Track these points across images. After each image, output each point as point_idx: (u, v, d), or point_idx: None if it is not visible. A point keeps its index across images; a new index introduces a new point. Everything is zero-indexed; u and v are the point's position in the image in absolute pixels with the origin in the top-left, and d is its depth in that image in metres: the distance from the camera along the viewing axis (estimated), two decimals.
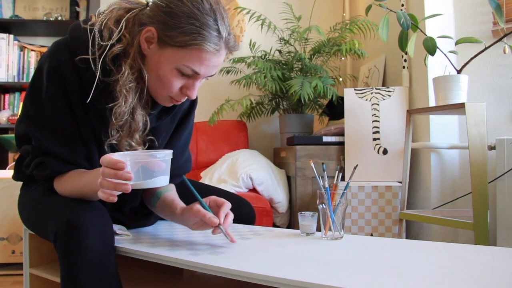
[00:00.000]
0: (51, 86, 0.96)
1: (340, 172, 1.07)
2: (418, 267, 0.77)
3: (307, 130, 2.50)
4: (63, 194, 1.01)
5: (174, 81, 0.93)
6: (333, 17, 2.94)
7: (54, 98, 0.97)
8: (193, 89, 0.96)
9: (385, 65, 2.40)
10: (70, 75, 0.95)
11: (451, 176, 1.94)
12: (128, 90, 0.93)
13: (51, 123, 0.98)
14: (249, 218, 1.28)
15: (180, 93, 0.96)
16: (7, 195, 2.02)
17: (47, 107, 0.97)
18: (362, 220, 1.92)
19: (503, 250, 0.91)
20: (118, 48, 0.94)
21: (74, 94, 0.97)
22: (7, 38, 2.72)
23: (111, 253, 0.91)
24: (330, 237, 1.01)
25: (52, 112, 0.98)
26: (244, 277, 0.75)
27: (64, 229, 0.88)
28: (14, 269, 2.03)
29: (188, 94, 0.96)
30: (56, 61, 0.96)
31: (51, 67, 0.96)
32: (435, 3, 2.00)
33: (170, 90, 0.95)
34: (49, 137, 0.98)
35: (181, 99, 0.98)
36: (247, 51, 2.76)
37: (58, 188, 1.03)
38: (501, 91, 1.87)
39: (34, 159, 1.02)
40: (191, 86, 0.95)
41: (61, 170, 1.01)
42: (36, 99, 0.99)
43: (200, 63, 0.92)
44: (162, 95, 0.97)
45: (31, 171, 1.04)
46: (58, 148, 0.99)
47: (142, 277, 1.15)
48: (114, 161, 0.81)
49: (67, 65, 0.95)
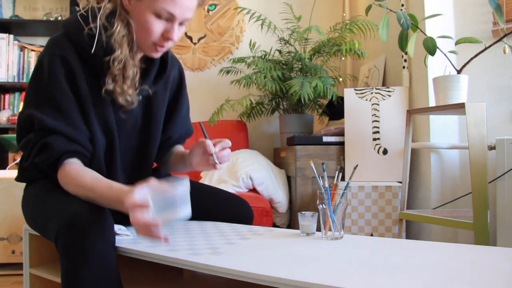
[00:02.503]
0: (54, 70, 1.02)
1: (340, 172, 1.07)
2: (418, 267, 0.77)
3: (307, 130, 2.50)
4: (67, 189, 1.01)
5: (154, 25, 1.02)
6: (333, 17, 2.94)
7: (57, 80, 1.02)
8: (172, 32, 1.04)
9: (385, 65, 2.40)
10: (73, 60, 1.03)
11: (451, 176, 1.94)
12: (121, 39, 1.04)
13: (55, 103, 1.02)
14: (247, 218, 1.30)
15: (162, 38, 1.05)
16: (7, 195, 2.02)
17: (51, 89, 1.02)
18: (362, 220, 1.92)
19: (503, 250, 0.91)
20: (109, 7, 1.05)
21: (80, 77, 1.04)
22: (7, 38, 2.72)
23: (112, 253, 0.91)
24: (330, 237, 1.01)
25: (55, 93, 1.02)
26: (244, 277, 0.75)
27: (65, 228, 0.88)
28: (14, 269, 2.03)
29: (169, 36, 1.04)
30: (59, 49, 1.03)
31: (54, 54, 1.03)
32: (435, 3, 2.00)
33: (152, 35, 1.03)
34: (53, 116, 1.01)
35: (164, 44, 1.06)
36: (247, 51, 2.76)
37: (62, 181, 1.02)
38: (501, 91, 1.87)
39: (36, 145, 1.02)
40: (170, 29, 1.04)
41: (66, 149, 1.01)
42: (39, 85, 1.04)
43: (174, 4, 1.00)
44: (147, 43, 1.05)
45: (32, 160, 1.03)
46: (63, 126, 1.01)
47: (142, 277, 1.15)
48: (148, 224, 0.84)
49: (69, 51, 1.03)
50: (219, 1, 2.94)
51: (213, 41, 2.94)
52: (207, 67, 2.93)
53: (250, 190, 2.15)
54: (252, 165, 2.17)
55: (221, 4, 2.95)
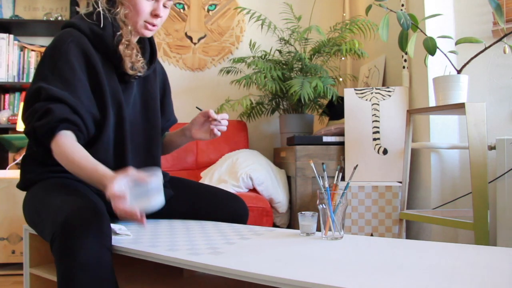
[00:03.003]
0: (68, 51, 1.11)
1: (340, 172, 1.07)
2: (418, 267, 0.77)
3: (307, 130, 2.50)
4: (59, 160, 1.06)
5: (142, 5, 1.18)
6: (333, 17, 2.95)
7: (69, 60, 1.10)
8: (159, 9, 1.19)
9: (385, 65, 2.40)
10: (87, 44, 1.15)
11: (451, 176, 1.94)
12: (125, 18, 1.19)
13: (64, 78, 1.09)
14: (242, 214, 1.33)
15: (151, 17, 1.20)
16: (7, 195, 2.02)
17: (62, 66, 1.10)
18: (362, 220, 1.92)
19: (503, 250, 0.91)
20: None
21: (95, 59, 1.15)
22: (7, 38, 2.72)
23: (107, 255, 0.91)
24: (330, 237, 1.01)
25: (65, 70, 1.10)
26: (244, 277, 0.75)
27: (59, 232, 0.89)
28: (14, 269, 2.03)
29: (157, 13, 1.19)
30: (71, 37, 1.14)
31: (67, 40, 1.12)
32: (435, 3, 2.00)
33: (142, 14, 1.18)
34: (60, 87, 1.08)
35: (154, 22, 1.21)
36: (247, 51, 2.76)
37: (55, 151, 1.06)
38: (501, 91, 1.87)
39: (39, 111, 1.05)
40: (157, 8, 1.19)
41: (66, 117, 1.06)
42: (51, 62, 1.11)
43: None
44: (139, 23, 1.20)
45: (32, 125, 1.06)
46: (68, 96, 1.07)
47: (142, 277, 1.15)
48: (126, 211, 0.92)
49: (82, 38, 1.15)
50: (219, 1, 2.95)
51: (213, 41, 2.94)
52: (207, 67, 2.93)
53: (250, 190, 2.15)
54: (252, 165, 2.17)
55: (221, 4, 2.95)
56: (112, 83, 1.19)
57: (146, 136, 1.30)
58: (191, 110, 3.04)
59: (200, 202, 1.34)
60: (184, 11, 2.93)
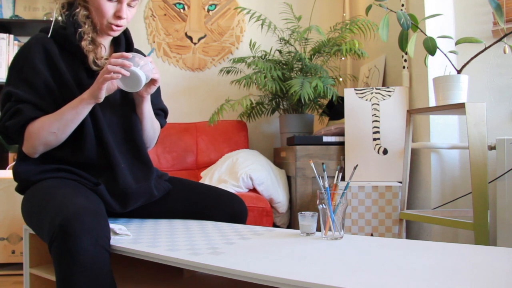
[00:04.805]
0: (31, 55, 1.18)
1: (340, 172, 1.07)
2: (418, 267, 0.77)
3: (307, 130, 2.50)
4: (43, 131, 1.13)
5: (105, 7, 1.20)
6: (333, 17, 2.95)
7: (33, 64, 1.17)
8: (122, 11, 1.21)
9: (385, 65, 2.40)
10: (51, 46, 1.21)
11: (451, 176, 1.94)
12: (84, 17, 1.23)
13: (28, 82, 1.16)
14: (241, 213, 1.33)
15: (114, 17, 1.22)
16: (7, 195, 2.02)
17: (27, 71, 1.17)
18: (362, 220, 1.92)
19: (503, 250, 0.91)
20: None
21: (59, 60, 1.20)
22: (7, 38, 2.72)
23: (104, 256, 0.91)
24: (330, 237, 1.01)
25: (30, 74, 1.16)
26: (244, 277, 0.75)
27: (57, 234, 0.89)
28: (14, 269, 2.03)
29: (120, 15, 1.21)
30: (36, 40, 1.21)
31: (32, 43, 1.20)
32: (435, 3, 2.00)
33: (105, 15, 1.21)
34: (25, 90, 1.16)
35: (118, 23, 1.23)
36: (247, 51, 2.76)
37: (29, 136, 1.14)
38: (501, 91, 1.87)
39: (8, 111, 1.15)
40: (120, 10, 1.21)
41: (34, 115, 1.15)
42: (17, 68, 1.18)
43: None
44: (103, 23, 1.23)
45: (3, 123, 1.16)
46: (33, 97, 1.16)
47: (142, 277, 1.15)
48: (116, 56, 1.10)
49: (47, 40, 1.21)
50: (219, 1, 2.94)
51: (213, 41, 2.94)
52: (207, 67, 2.93)
53: (250, 190, 2.15)
54: (252, 165, 2.17)
55: (221, 4, 2.95)
56: (78, 79, 1.22)
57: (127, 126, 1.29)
58: (191, 110, 3.06)
59: (199, 202, 1.34)
60: (184, 11, 2.93)
